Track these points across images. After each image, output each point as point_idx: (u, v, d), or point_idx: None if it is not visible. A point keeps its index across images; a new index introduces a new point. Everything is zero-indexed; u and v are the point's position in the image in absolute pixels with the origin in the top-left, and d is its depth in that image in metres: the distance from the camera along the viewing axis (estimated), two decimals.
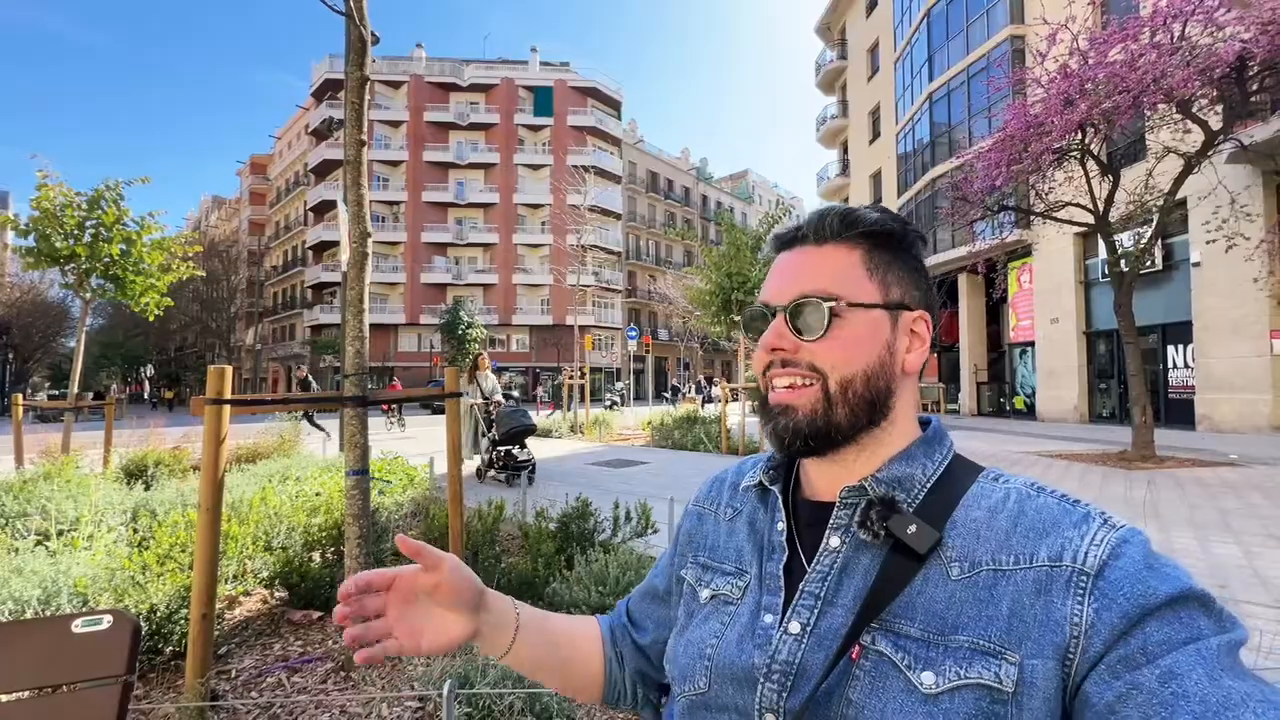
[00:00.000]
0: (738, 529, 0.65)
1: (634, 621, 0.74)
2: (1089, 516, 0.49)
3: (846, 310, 0.55)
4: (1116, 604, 0.43)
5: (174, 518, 3.24)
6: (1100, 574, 0.45)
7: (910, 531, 0.51)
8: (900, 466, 0.56)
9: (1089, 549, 0.46)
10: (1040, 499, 0.52)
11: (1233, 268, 10.72)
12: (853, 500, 0.56)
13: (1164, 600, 0.43)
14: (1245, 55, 6.87)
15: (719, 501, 0.70)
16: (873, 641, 0.49)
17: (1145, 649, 0.42)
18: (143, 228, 6.74)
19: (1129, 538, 0.47)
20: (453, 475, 2.89)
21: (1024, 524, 0.50)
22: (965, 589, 0.49)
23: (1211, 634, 0.42)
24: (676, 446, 10.89)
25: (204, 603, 2.05)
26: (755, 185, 62.80)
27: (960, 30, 18.60)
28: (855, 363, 0.55)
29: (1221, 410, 11.55)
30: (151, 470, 5.91)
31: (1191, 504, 5.55)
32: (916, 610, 0.49)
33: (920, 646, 0.48)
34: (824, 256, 0.58)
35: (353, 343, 2.56)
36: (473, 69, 42.26)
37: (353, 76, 2.68)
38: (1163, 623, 0.42)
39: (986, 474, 0.56)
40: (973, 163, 9.79)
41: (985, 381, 18.94)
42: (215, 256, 44.50)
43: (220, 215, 60.26)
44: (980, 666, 0.45)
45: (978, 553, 0.50)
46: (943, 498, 0.54)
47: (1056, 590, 0.46)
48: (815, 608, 0.53)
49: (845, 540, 0.55)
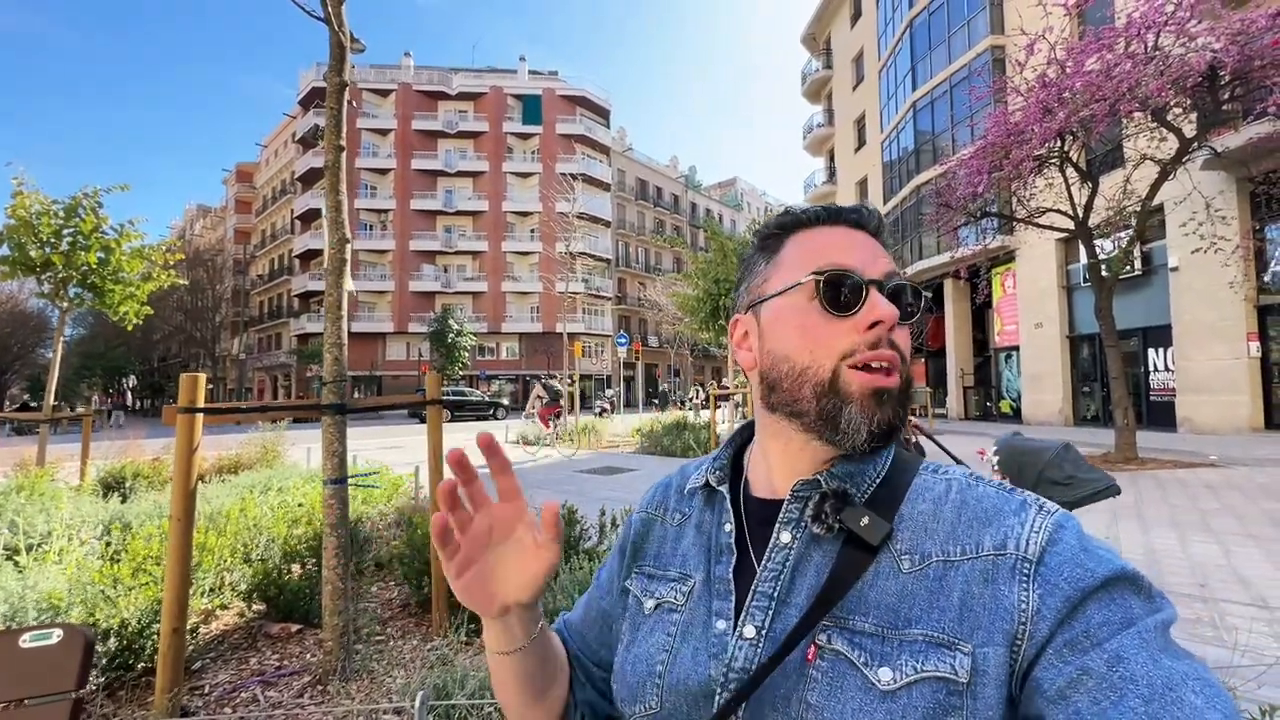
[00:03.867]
0: (684, 533, 0.63)
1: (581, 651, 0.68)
2: (1025, 504, 0.50)
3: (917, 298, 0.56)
4: (1059, 589, 0.44)
5: (148, 530, 3.17)
6: (1041, 560, 0.46)
7: (863, 523, 0.50)
8: (853, 462, 0.55)
9: (1029, 536, 0.47)
10: (979, 489, 0.52)
11: (1209, 272, 10.93)
12: (804, 494, 0.54)
13: (1100, 582, 0.44)
14: (1216, 65, 7.04)
15: (665, 507, 0.67)
16: (829, 640, 0.48)
17: (1089, 632, 0.42)
18: (122, 235, 6.65)
19: (1063, 522, 0.48)
20: (434, 484, 2.86)
21: (967, 514, 0.50)
22: (917, 581, 0.48)
23: (1145, 614, 0.43)
24: (666, 453, 10.87)
25: (175, 616, 2.00)
26: (743, 193, 63.24)
27: (942, 40, 18.93)
28: (907, 354, 0.55)
29: (1202, 412, 11.74)
30: (130, 482, 5.80)
31: (1173, 505, 5.62)
32: (870, 605, 0.49)
33: (875, 642, 0.47)
34: (881, 248, 0.57)
35: (331, 349, 2.54)
36: (461, 77, 42.29)
37: (332, 82, 2.67)
38: (1100, 605, 0.43)
39: (926, 466, 0.56)
40: (956, 170, 9.93)
41: (972, 385, 19.12)
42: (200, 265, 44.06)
43: (206, 224, 59.67)
44: (936, 659, 0.45)
45: (927, 545, 0.50)
46: (890, 492, 0.54)
47: (1002, 578, 0.46)
48: (769, 609, 0.52)
49: (796, 535, 0.54)
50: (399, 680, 2.21)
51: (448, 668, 2.05)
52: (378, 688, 2.25)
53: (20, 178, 6.16)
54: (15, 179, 6.14)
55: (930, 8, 19.44)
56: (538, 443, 12.67)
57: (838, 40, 28.12)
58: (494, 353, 40.85)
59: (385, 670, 2.36)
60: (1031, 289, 16.16)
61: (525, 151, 42.75)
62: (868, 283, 0.53)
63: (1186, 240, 10.03)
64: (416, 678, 2.04)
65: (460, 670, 2.03)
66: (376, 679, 2.31)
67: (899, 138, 21.50)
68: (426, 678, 2.01)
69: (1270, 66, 6.81)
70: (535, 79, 43.70)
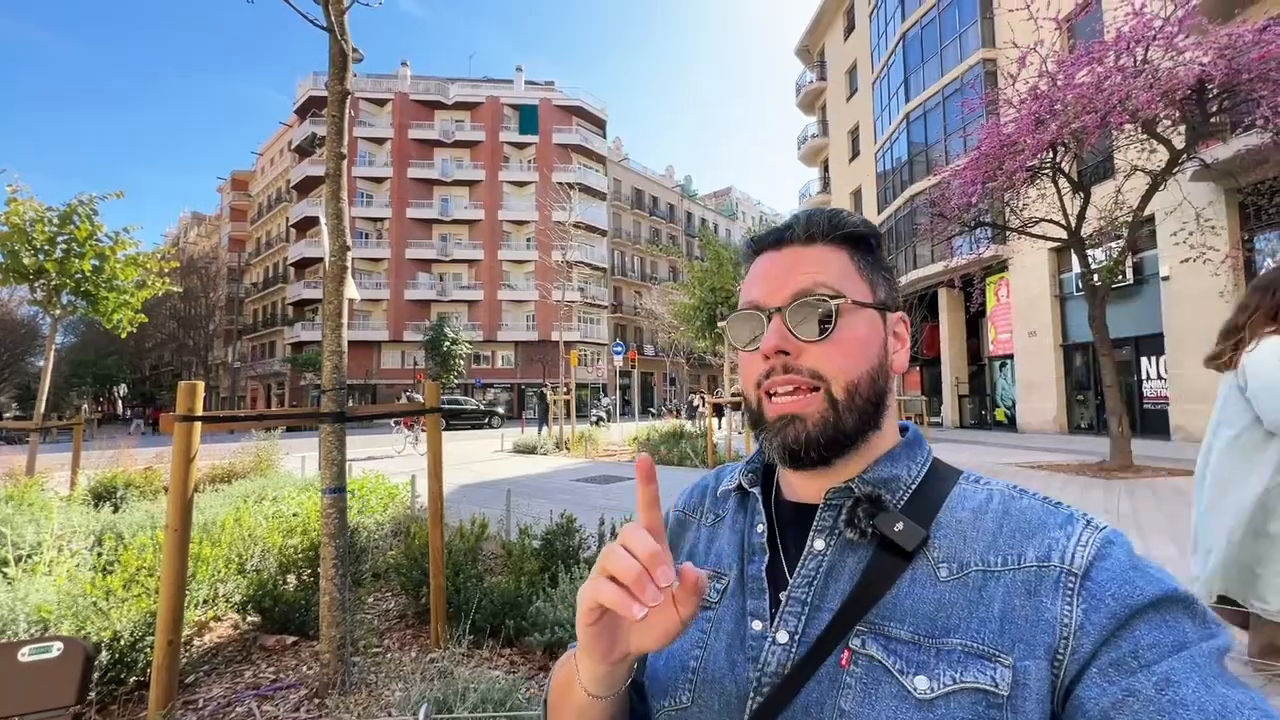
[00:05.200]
0: (719, 534, 0.63)
1: None
2: (1073, 518, 0.49)
3: (850, 309, 0.54)
4: (1105, 604, 0.43)
5: (141, 540, 3.12)
6: (1087, 574, 0.45)
7: (897, 529, 0.50)
8: (885, 468, 0.55)
9: (1075, 549, 0.46)
10: (1024, 500, 0.52)
11: (1200, 281, 11.05)
12: (837, 502, 0.55)
13: (1150, 601, 0.43)
14: (1204, 78, 7.16)
15: (701, 508, 0.68)
16: (862, 645, 0.48)
17: (1136, 653, 0.41)
18: (116, 243, 6.61)
19: (1113, 538, 0.47)
20: (433, 493, 2.83)
21: (1010, 525, 0.50)
22: (955, 590, 0.48)
23: (1199, 639, 0.42)
24: (663, 462, 10.83)
25: (170, 629, 1.97)
26: (739, 202, 63.64)
27: (935, 53, 19.19)
28: (860, 365, 0.54)
29: (1195, 420, 11.81)
30: (121, 492, 5.73)
31: (1170, 514, 5.63)
32: (905, 612, 0.48)
33: (911, 650, 0.46)
34: (817, 255, 0.56)
35: (330, 357, 2.52)
36: (458, 87, 42.51)
37: (333, 90, 2.67)
38: (1150, 625, 0.42)
39: (966, 476, 0.56)
40: (950, 180, 10.03)
41: (966, 394, 19.21)
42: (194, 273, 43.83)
43: (200, 231, 59.48)
44: (975, 670, 0.44)
45: (965, 554, 0.49)
46: (926, 499, 0.53)
47: (1045, 591, 0.45)
48: (802, 614, 0.51)
49: (830, 543, 0.54)
50: (398, 693, 2.17)
51: (448, 680, 2.02)
52: (376, 701, 2.21)
53: (15, 185, 6.13)
54: (10, 185, 6.10)
55: (922, 21, 19.73)
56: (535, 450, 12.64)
57: (831, 52, 28.47)
58: (489, 361, 40.77)
59: (384, 683, 2.33)
60: (1024, 298, 16.29)
61: (521, 161, 42.94)
62: (769, 313, 0.54)
63: (1177, 250, 10.13)
64: (416, 691, 2.01)
65: (461, 683, 2.00)
66: (375, 692, 2.27)
67: (892, 148, 21.73)
68: (427, 691, 1.97)
69: (1257, 80, 6.93)
70: (532, 89, 43.97)
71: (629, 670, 0.51)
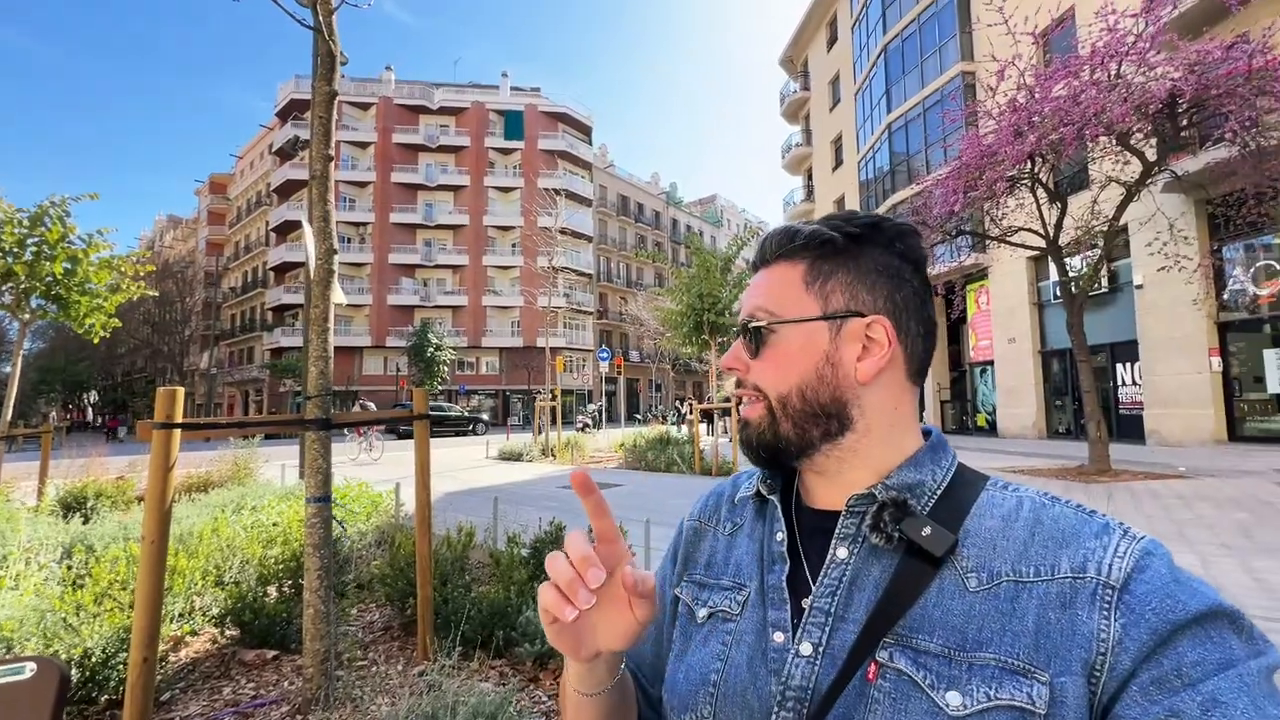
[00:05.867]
0: (737, 543, 0.62)
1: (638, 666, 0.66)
2: (1109, 527, 0.47)
3: (778, 328, 0.56)
4: (1145, 619, 0.41)
5: (114, 553, 3.01)
6: (1126, 587, 0.43)
7: (925, 534, 0.48)
8: (909, 473, 0.53)
9: (1113, 561, 0.44)
10: (1056, 508, 0.50)
11: (1173, 290, 11.36)
12: (860, 508, 0.53)
13: (1193, 616, 0.41)
14: (1175, 93, 7.38)
15: (717, 516, 0.66)
16: (890, 658, 0.46)
17: (1180, 671, 0.40)
18: (90, 246, 6.43)
19: (1152, 549, 0.45)
20: (421, 501, 2.77)
21: (1042, 534, 0.48)
22: (986, 601, 0.46)
23: (1247, 657, 0.40)
24: (650, 468, 10.80)
25: (145, 645, 1.89)
26: (724, 209, 64.12)
27: (915, 65, 19.58)
28: (787, 379, 0.55)
29: (1169, 425, 12.11)
30: (92, 502, 5.54)
31: (1148, 515, 5.75)
32: (935, 624, 0.46)
33: (942, 664, 0.44)
34: (769, 276, 0.59)
35: (316, 363, 2.46)
36: (443, 92, 42.31)
37: (321, 91, 2.63)
38: (1194, 642, 0.40)
39: (994, 482, 0.54)
40: (932, 190, 10.20)
41: (948, 400, 19.49)
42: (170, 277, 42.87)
43: (176, 235, 58.26)
44: (1011, 687, 0.42)
45: (996, 563, 0.47)
46: (953, 505, 0.52)
47: (1081, 604, 0.43)
48: (826, 625, 0.50)
49: (854, 551, 0.52)
50: (384, 708, 2.11)
51: (437, 694, 1.97)
52: (362, 717, 2.15)
53: None
54: None
55: (903, 34, 20.12)
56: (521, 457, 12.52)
57: (815, 63, 28.91)
58: (474, 367, 40.41)
59: (370, 698, 2.26)
60: (1004, 305, 16.60)
61: (507, 166, 42.81)
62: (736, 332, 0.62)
63: (1151, 259, 10.42)
64: (404, 705, 1.95)
65: (451, 696, 1.95)
66: (360, 707, 2.21)
67: (875, 158, 22.08)
68: (415, 705, 1.92)
69: (1225, 95, 7.16)
70: (517, 95, 43.93)
71: (610, 672, 0.53)
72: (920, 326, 0.56)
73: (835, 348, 0.54)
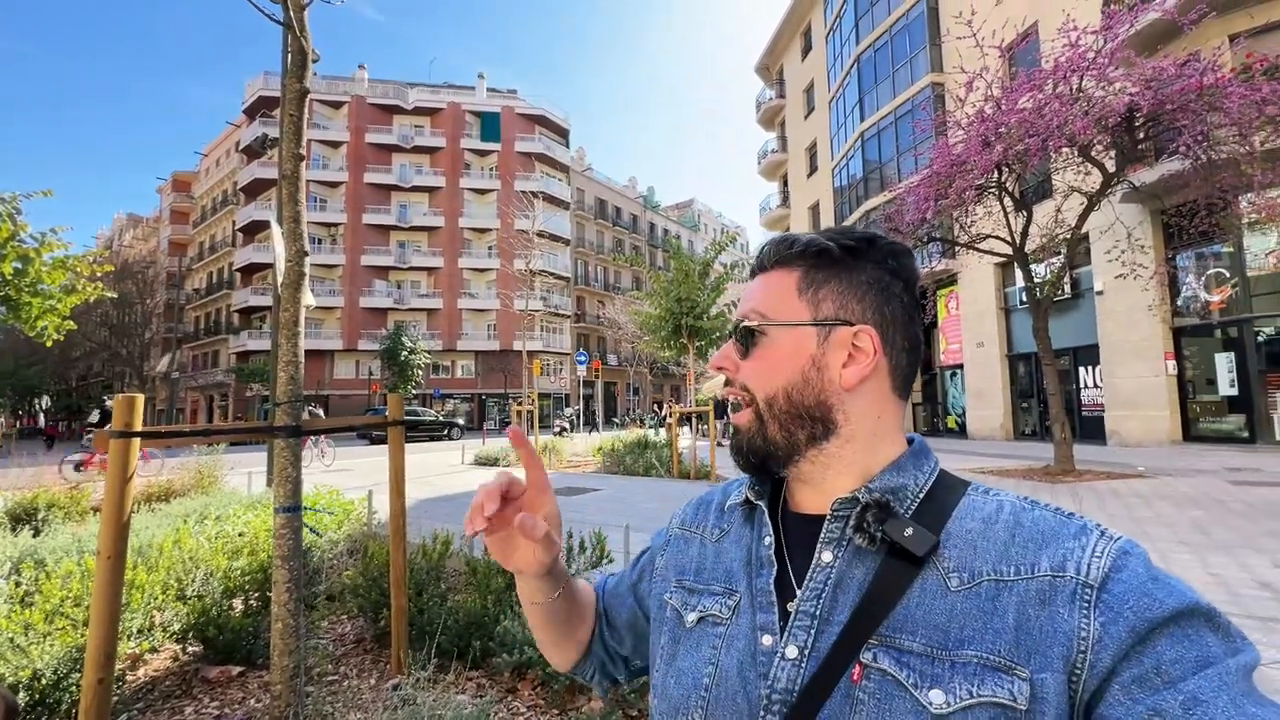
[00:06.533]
0: (725, 549, 0.63)
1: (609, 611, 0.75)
2: (1086, 528, 0.48)
3: (770, 329, 0.58)
4: (1124, 617, 0.42)
5: (67, 567, 2.86)
6: (1104, 586, 0.44)
7: (907, 534, 0.49)
8: (892, 477, 0.55)
9: (1091, 561, 0.45)
10: (1035, 511, 0.51)
11: (1131, 296, 11.81)
12: (844, 511, 0.54)
13: (1170, 614, 0.42)
14: (1133, 107, 7.69)
15: (705, 523, 0.67)
16: (874, 659, 0.47)
17: (1160, 669, 0.41)
18: (43, 245, 6.15)
19: (1129, 549, 0.46)
20: (395, 510, 2.71)
21: (1022, 535, 0.49)
22: (967, 600, 0.47)
23: (1225, 655, 0.41)
24: (628, 472, 10.77)
25: (101, 665, 1.79)
26: (701, 214, 64.58)
27: (887, 76, 20.03)
28: (775, 380, 0.57)
29: (1128, 426, 12.57)
30: (43, 513, 5.28)
31: (1110, 514, 5.94)
32: (917, 623, 0.47)
33: (925, 663, 0.45)
34: (766, 280, 0.61)
35: (286, 368, 2.38)
36: (417, 92, 41.72)
37: (292, 89, 2.55)
38: (1173, 640, 0.42)
39: (975, 487, 0.55)
40: (904, 197, 10.43)
41: (920, 402, 19.91)
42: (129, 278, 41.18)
43: (137, 234, 56.12)
44: (993, 684, 0.43)
45: (977, 563, 0.48)
46: (935, 508, 0.53)
47: (1061, 602, 0.44)
48: (812, 627, 0.51)
49: (838, 554, 0.53)
50: None
51: (412, 708, 1.92)
52: None
53: None
54: None
55: (875, 45, 20.58)
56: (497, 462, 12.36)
57: (790, 71, 29.35)
58: (449, 371, 39.82)
59: (341, 713, 2.19)
60: (973, 310, 17.05)
61: (483, 168, 42.40)
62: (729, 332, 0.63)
63: (1110, 266, 10.82)
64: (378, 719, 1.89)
65: (426, 710, 1.90)
66: None
67: (849, 165, 22.49)
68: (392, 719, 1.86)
69: (1179, 110, 7.48)
70: (494, 97, 43.58)
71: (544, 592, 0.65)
72: (905, 341, 0.58)
73: (822, 353, 0.56)
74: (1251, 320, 10.99)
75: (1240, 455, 9.85)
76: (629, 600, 0.72)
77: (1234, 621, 0.45)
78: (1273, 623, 3.01)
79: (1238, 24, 10.59)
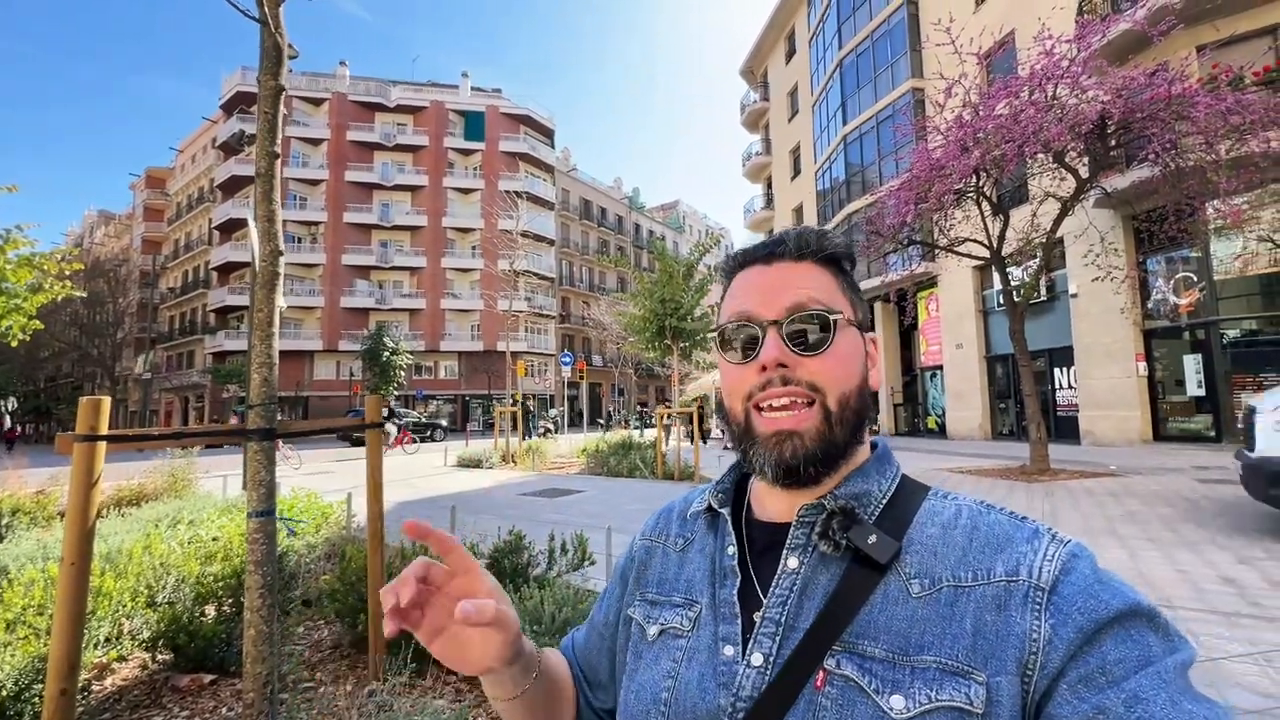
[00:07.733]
0: (689, 558, 0.62)
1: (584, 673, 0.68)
2: (1038, 532, 0.50)
3: (842, 324, 0.55)
4: (1072, 619, 0.44)
5: (30, 574, 2.78)
6: (1055, 589, 0.45)
7: (871, 541, 0.50)
8: (858, 483, 0.55)
9: (1042, 564, 0.47)
10: (991, 515, 0.52)
11: (1104, 299, 12.10)
12: (810, 518, 0.54)
13: (1115, 615, 0.44)
14: (1105, 115, 7.88)
15: (667, 533, 0.66)
16: (837, 665, 0.47)
17: (1104, 669, 0.42)
18: (7, 242, 5.96)
19: (1078, 552, 0.48)
20: (373, 513, 2.67)
21: (978, 540, 0.50)
22: (927, 606, 0.48)
23: (1164, 654, 0.43)
24: (612, 473, 10.75)
25: (64, 676, 1.74)
26: (686, 215, 64.77)
27: (869, 80, 20.28)
28: (851, 379, 0.55)
29: (1101, 426, 12.87)
30: (7, 519, 5.11)
31: (1084, 512, 6.08)
32: (879, 629, 0.48)
33: (886, 668, 0.46)
34: (808, 272, 0.57)
35: (260, 370, 2.33)
36: (400, 90, 41.26)
37: (267, 86, 2.51)
38: (1116, 640, 0.43)
39: (934, 492, 0.56)
40: (885, 200, 10.57)
41: (901, 403, 20.18)
42: (100, 276, 40.09)
43: (109, 231, 54.66)
44: (951, 688, 0.44)
45: (937, 569, 0.49)
46: (898, 514, 0.54)
47: (1015, 605, 0.46)
48: (777, 634, 0.51)
49: (804, 561, 0.53)
50: None
51: (389, 715, 1.89)
52: None
53: None
54: None
55: (858, 50, 20.82)
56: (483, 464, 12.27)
57: (774, 74, 29.58)
58: (432, 372, 39.42)
59: None
60: (952, 312, 17.33)
61: (467, 167, 42.06)
62: (765, 325, 0.54)
63: (1084, 270, 11.08)
64: None
65: (402, 715, 1.87)
66: None
67: (831, 168, 22.72)
68: None
69: (1148, 119, 7.69)
70: (478, 96, 43.25)
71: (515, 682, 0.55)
72: None
73: (865, 354, 0.57)
74: (1218, 323, 11.32)
75: (1207, 454, 10.13)
76: (605, 645, 0.66)
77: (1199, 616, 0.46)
78: (1236, 617, 3.09)
79: (1204, 36, 10.91)
